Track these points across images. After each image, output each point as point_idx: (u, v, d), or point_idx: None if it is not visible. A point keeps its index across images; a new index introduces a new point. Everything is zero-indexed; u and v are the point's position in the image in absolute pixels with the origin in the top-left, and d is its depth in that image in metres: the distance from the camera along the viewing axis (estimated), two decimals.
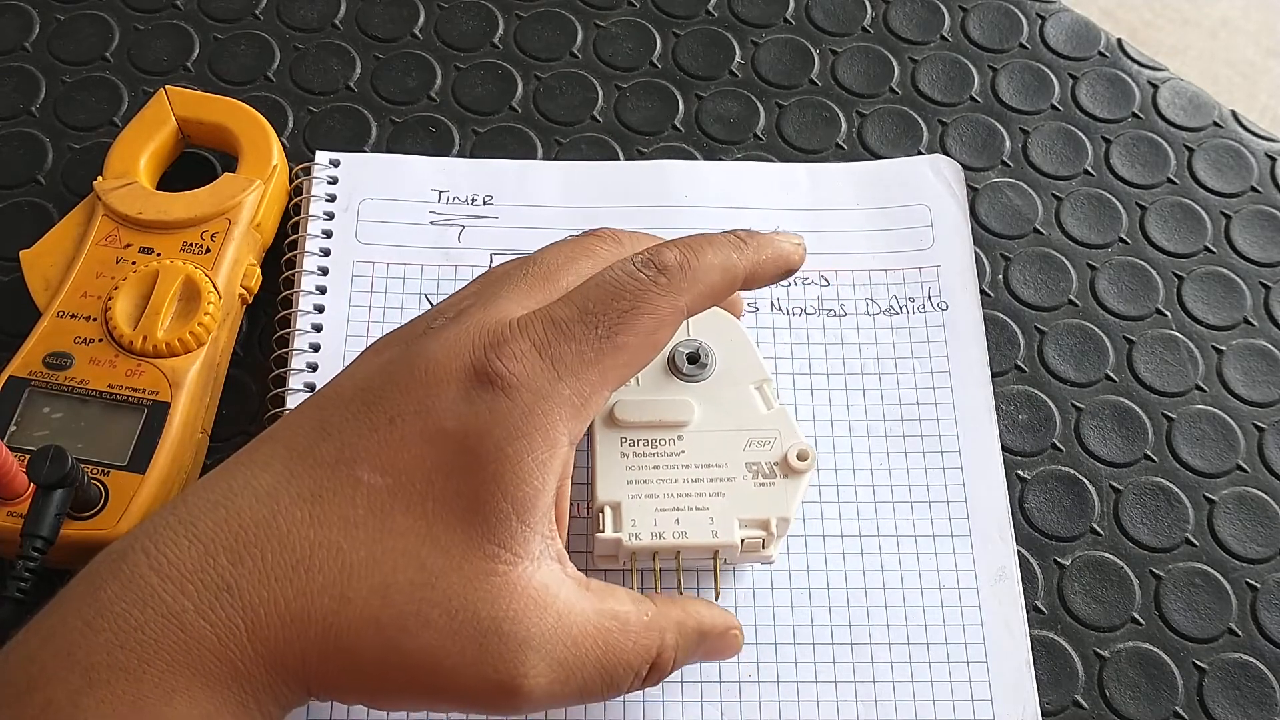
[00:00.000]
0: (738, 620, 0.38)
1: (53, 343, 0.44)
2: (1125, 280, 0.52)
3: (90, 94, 0.54)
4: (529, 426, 0.31)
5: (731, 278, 0.36)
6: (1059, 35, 0.58)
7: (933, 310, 0.50)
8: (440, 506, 0.30)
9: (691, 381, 0.42)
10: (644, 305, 0.33)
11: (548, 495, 0.32)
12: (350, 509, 0.30)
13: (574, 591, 0.32)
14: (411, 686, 0.31)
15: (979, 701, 0.42)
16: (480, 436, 0.31)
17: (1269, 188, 0.54)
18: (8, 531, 0.40)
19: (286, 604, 0.29)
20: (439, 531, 0.30)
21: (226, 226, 0.47)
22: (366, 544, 0.30)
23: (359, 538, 0.30)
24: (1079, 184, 0.54)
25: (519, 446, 0.31)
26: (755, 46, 0.57)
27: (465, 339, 0.32)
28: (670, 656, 0.34)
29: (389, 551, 0.30)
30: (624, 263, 0.34)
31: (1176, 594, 0.45)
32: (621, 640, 0.33)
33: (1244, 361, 0.50)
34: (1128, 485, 0.47)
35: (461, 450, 0.31)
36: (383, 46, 0.56)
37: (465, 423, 0.31)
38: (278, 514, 0.30)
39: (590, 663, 0.32)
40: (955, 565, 0.44)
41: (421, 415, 0.31)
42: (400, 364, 0.32)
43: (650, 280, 0.33)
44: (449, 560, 0.30)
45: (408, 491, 0.30)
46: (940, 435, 0.47)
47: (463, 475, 0.31)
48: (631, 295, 0.33)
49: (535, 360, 0.32)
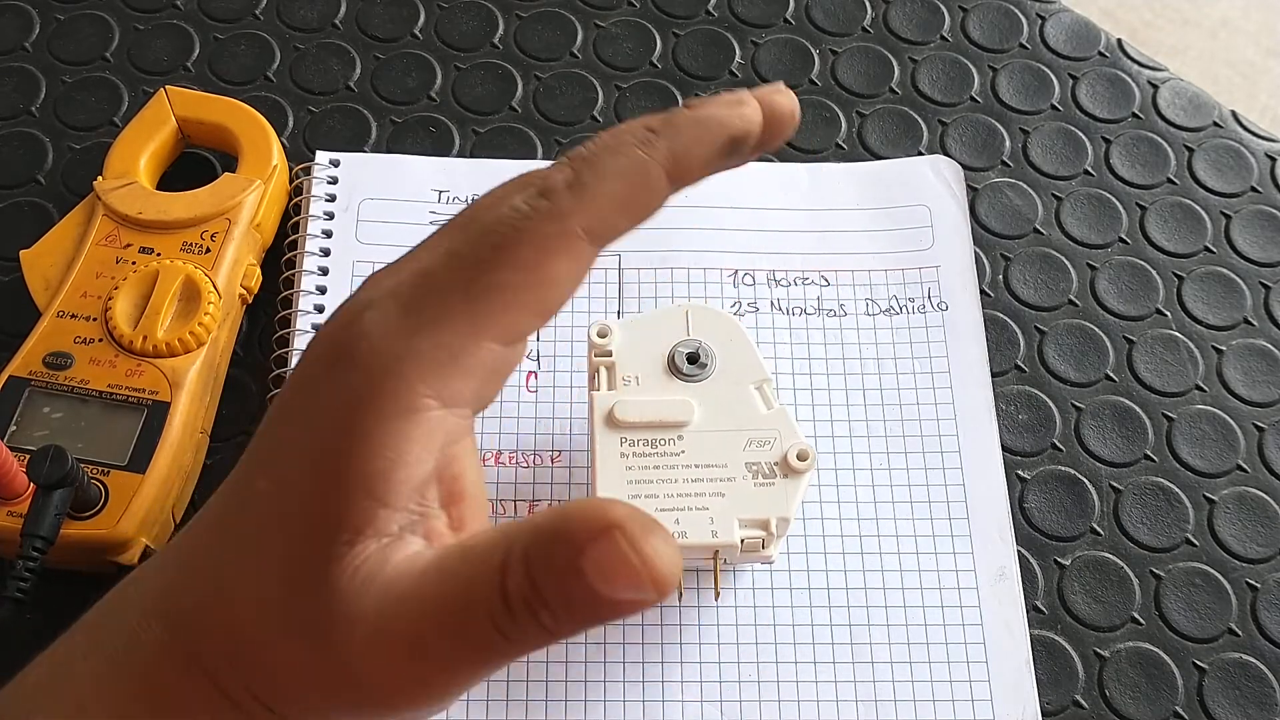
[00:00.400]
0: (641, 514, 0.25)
1: (53, 343, 0.44)
2: (1125, 280, 0.52)
3: (90, 94, 0.54)
4: (377, 394, 0.27)
5: (642, 181, 0.29)
6: (1059, 35, 0.58)
7: (933, 310, 0.50)
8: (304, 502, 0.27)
9: (691, 381, 0.42)
10: (520, 235, 0.27)
11: (412, 467, 0.27)
12: (247, 523, 0.28)
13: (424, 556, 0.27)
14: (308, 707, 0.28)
15: (979, 701, 0.42)
16: (334, 416, 0.27)
17: (1269, 188, 0.54)
18: (8, 531, 0.40)
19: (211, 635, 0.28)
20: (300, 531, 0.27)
21: (226, 226, 0.47)
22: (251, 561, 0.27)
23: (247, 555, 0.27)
24: (1079, 184, 0.54)
25: (367, 418, 0.27)
26: (755, 46, 0.57)
27: (338, 311, 0.29)
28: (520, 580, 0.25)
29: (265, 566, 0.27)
30: (520, 190, 0.29)
31: (1176, 594, 0.45)
32: (459, 569, 0.26)
33: (1244, 361, 0.50)
34: (1128, 485, 0.47)
35: (321, 432, 0.27)
36: (383, 46, 0.56)
37: (322, 403, 0.27)
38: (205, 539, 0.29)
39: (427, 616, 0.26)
40: (955, 565, 0.44)
41: (294, 406, 0.28)
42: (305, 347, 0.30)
43: (530, 207, 0.28)
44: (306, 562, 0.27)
45: (283, 495, 0.27)
46: (940, 435, 0.47)
47: (321, 460, 0.27)
48: (507, 227, 0.28)
49: (391, 320, 0.27)
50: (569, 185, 0.28)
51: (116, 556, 0.41)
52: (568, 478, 0.46)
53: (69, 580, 0.42)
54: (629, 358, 0.43)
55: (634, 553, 0.24)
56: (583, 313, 0.49)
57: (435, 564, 0.26)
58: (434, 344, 0.27)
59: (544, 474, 0.46)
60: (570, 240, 0.28)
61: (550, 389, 0.47)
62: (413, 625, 0.26)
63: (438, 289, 0.27)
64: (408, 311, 0.27)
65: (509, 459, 0.46)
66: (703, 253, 0.51)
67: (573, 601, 0.25)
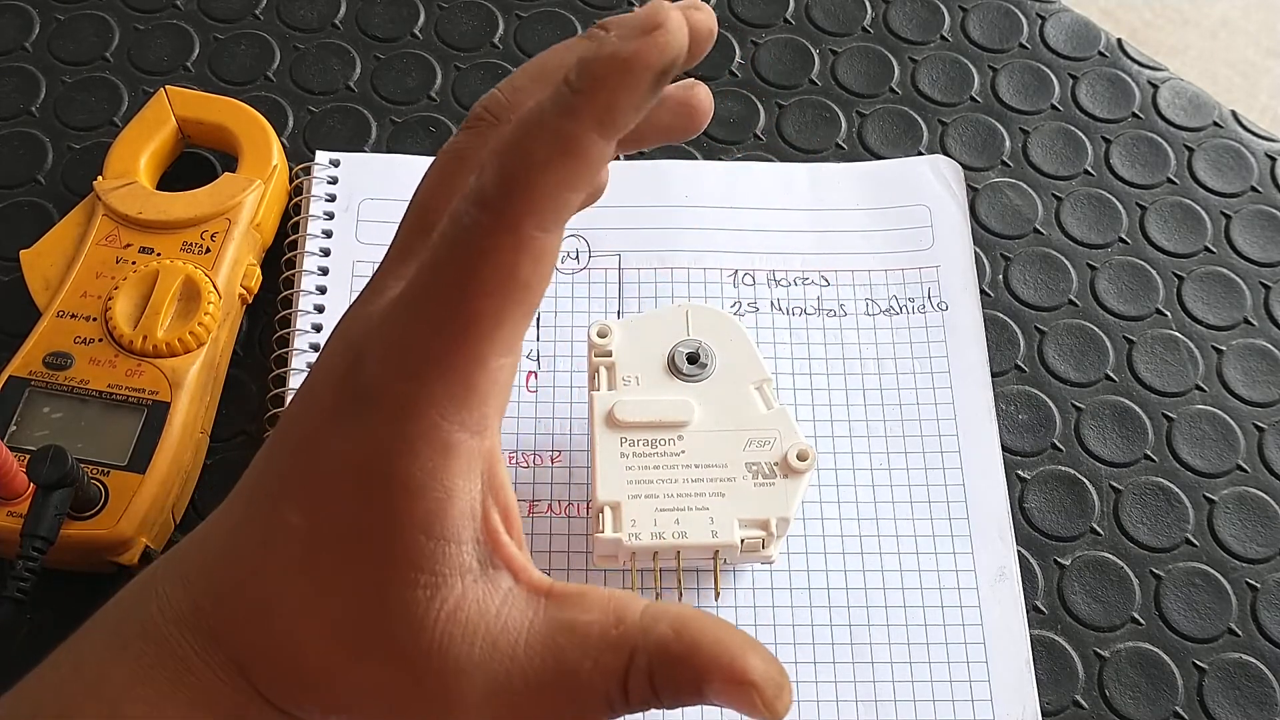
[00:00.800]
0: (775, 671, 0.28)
1: (53, 343, 0.44)
2: (1125, 280, 0.52)
3: (90, 94, 0.54)
4: (405, 438, 0.27)
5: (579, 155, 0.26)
6: (1059, 35, 0.58)
7: (933, 310, 0.50)
8: (355, 543, 0.28)
9: (691, 381, 0.42)
10: (478, 259, 0.27)
11: (459, 501, 0.28)
12: (286, 557, 0.29)
13: (520, 604, 0.28)
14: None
15: (979, 701, 0.42)
16: (366, 461, 0.28)
17: (1269, 188, 0.54)
18: (8, 531, 0.40)
19: (262, 651, 0.29)
20: (359, 569, 0.28)
21: (226, 226, 0.47)
22: (302, 593, 0.28)
23: (296, 587, 0.28)
24: (1079, 184, 0.54)
25: (402, 463, 0.27)
26: (755, 46, 0.57)
27: (336, 348, 0.29)
28: (642, 685, 0.28)
29: (322, 598, 0.28)
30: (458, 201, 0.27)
31: (1176, 594, 0.45)
32: (577, 658, 0.28)
33: (1244, 361, 0.50)
34: (1128, 485, 0.47)
35: (356, 479, 0.28)
36: (383, 46, 0.56)
37: (350, 448, 0.28)
38: (240, 558, 0.29)
39: (538, 686, 0.28)
40: (955, 565, 0.44)
41: (318, 445, 0.29)
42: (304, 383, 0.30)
43: (474, 223, 0.27)
44: (372, 597, 0.28)
45: (325, 533, 0.28)
46: (940, 435, 0.47)
47: (364, 505, 0.28)
48: (461, 251, 0.27)
49: (394, 361, 0.28)
50: (501, 188, 0.27)
51: (116, 556, 0.41)
52: (568, 478, 0.46)
53: (69, 580, 0.42)
54: (629, 358, 0.43)
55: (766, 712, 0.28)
56: (583, 313, 0.49)
57: (544, 639, 0.28)
58: (444, 381, 0.27)
59: (544, 474, 0.46)
60: (526, 243, 0.27)
61: (550, 389, 0.47)
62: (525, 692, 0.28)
63: (428, 328, 0.27)
64: (409, 353, 0.27)
65: (509, 459, 0.46)
66: (703, 253, 0.51)
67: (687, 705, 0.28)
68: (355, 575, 0.28)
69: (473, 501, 0.28)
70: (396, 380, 0.27)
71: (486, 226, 0.26)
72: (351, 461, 0.28)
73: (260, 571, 0.29)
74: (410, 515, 0.27)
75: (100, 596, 0.42)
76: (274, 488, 0.29)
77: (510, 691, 0.28)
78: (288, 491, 0.29)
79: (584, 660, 0.28)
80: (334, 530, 0.28)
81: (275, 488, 0.29)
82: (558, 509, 0.45)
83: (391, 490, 0.27)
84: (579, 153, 0.26)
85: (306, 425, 0.29)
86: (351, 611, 0.28)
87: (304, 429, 0.29)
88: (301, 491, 0.29)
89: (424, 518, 0.27)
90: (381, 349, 0.28)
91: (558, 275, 0.50)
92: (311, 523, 0.28)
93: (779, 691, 0.28)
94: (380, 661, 0.28)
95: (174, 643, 0.29)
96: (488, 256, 0.27)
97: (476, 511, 0.28)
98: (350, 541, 0.28)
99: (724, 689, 0.28)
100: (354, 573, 0.28)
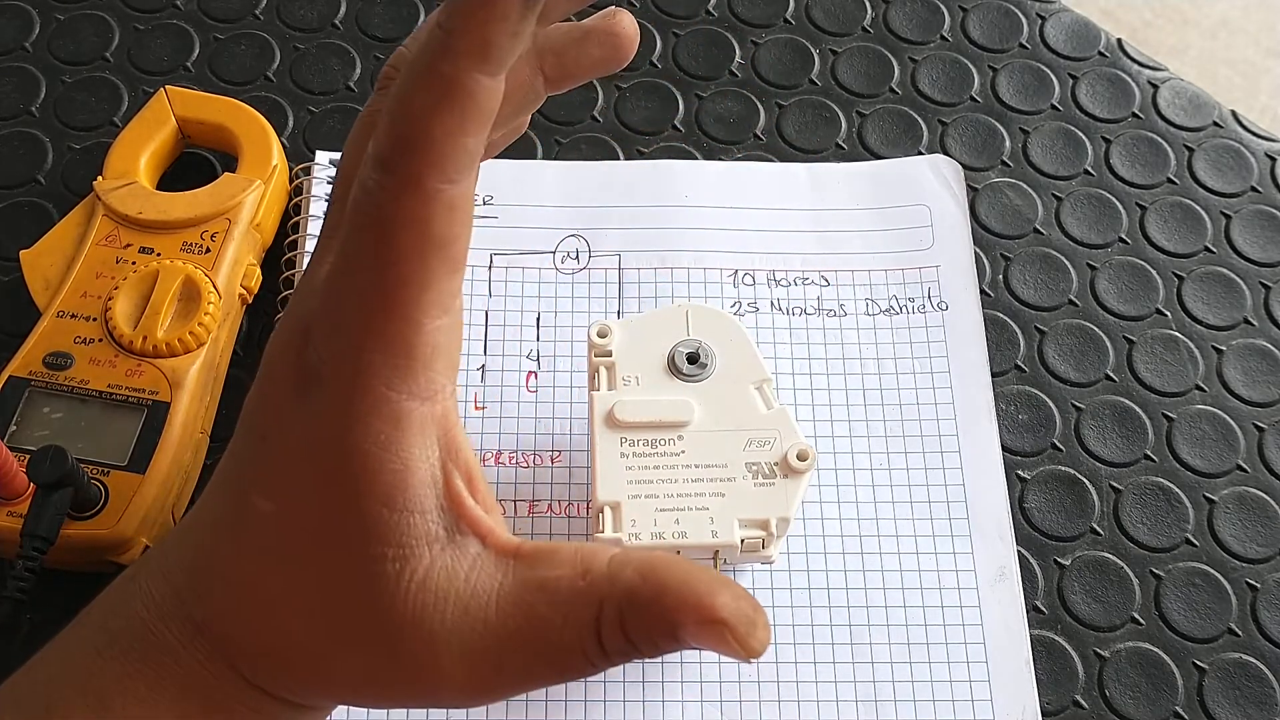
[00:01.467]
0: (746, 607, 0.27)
1: (53, 343, 0.44)
2: (1125, 280, 0.52)
3: (90, 94, 0.54)
4: (355, 413, 0.27)
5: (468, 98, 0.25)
6: (1059, 35, 0.58)
7: (933, 310, 0.50)
8: (322, 524, 0.28)
9: (691, 381, 0.42)
10: (387, 225, 0.26)
11: (417, 470, 0.28)
12: (260, 543, 0.29)
13: (489, 567, 0.28)
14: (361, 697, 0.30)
15: (979, 701, 0.42)
16: (321, 440, 0.28)
17: (1269, 188, 0.54)
18: (8, 531, 0.40)
19: (245, 638, 0.29)
20: (329, 550, 0.28)
21: (226, 226, 0.47)
22: (279, 576, 0.29)
23: (273, 572, 0.29)
24: (1079, 184, 0.54)
25: (355, 438, 0.27)
26: (755, 46, 0.57)
27: (286, 325, 0.29)
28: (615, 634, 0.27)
29: (297, 581, 0.28)
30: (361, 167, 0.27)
31: (1176, 594, 0.45)
32: (548, 614, 0.28)
33: (1244, 361, 0.50)
34: (1128, 485, 0.47)
35: (315, 459, 0.28)
36: (383, 46, 0.56)
37: (307, 429, 0.28)
38: (217, 549, 0.29)
39: (513, 647, 0.28)
40: (955, 565, 0.44)
41: (278, 428, 0.29)
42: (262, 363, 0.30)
43: (376, 185, 0.26)
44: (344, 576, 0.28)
45: (293, 516, 0.28)
46: (940, 435, 0.47)
47: (325, 485, 0.28)
48: (372, 219, 0.26)
49: (334, 336, 0.27)
50: (395, 147, 0.26)
51: (116, 556, 0.41)
52: (568, 478, 0.46)
53: (69, 580, 0.42)
54: (629, 358, 0.43)
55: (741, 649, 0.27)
56: (583, 313, 0.49)
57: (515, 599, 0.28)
58: (383, 351, 0.27)
59: (544, 474, 0.46)
60: (433, 197, 0.26)
61: (550, 389, 0.47)
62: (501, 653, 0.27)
63: (358, 300, 0.27)
64: (344, 328, 0.27)
65: (509, 459, 0.46)
66: (703, 253, 0.51)
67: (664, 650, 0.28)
68: (326, 556, 0.28)
69: (432, 469, 0.28)
70: (339, 355, 0.27)
71: (390, 188, 0.26)
72: (309, 442, 0.28)
73: (236, 559, 0.29)
74: (370, 490, 0.27)
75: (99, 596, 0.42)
76: (243, 475, 0.29)
77: (486, 655, 0.27)
78: (255, 478, 0.29)
79: (554, 616, 0.27)
80: (301, 513, 0.28)
81: (244, 475, 0.29)
82: (558, 509, 0.45)
83: (349, 467, 0.27)
84: (464, 94, 0.25)
85: (267, 408, 0.29)
86: (326, 592, 0.28)
87: (264, 413, 0.29)
88: (267, 477, 0.29)
89: (384, 491, 0.27)
90: (322, 326, 0.28)
91: (558, 275, 0.50)
92: (280, 507, 0.28)
93: (751, 628, 0.27)
94: (357, 639, 0.28)
95: (159, 635, 0.29)
96: (397, 218, 0.26)
97: (437, 478, 0.28)
98: (317, 523, 0.28)
99: (696, 630, 0.27)
100: (324, 553, 0.28)
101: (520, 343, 0.48)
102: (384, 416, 0.27)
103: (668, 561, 0.28)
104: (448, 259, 0.27)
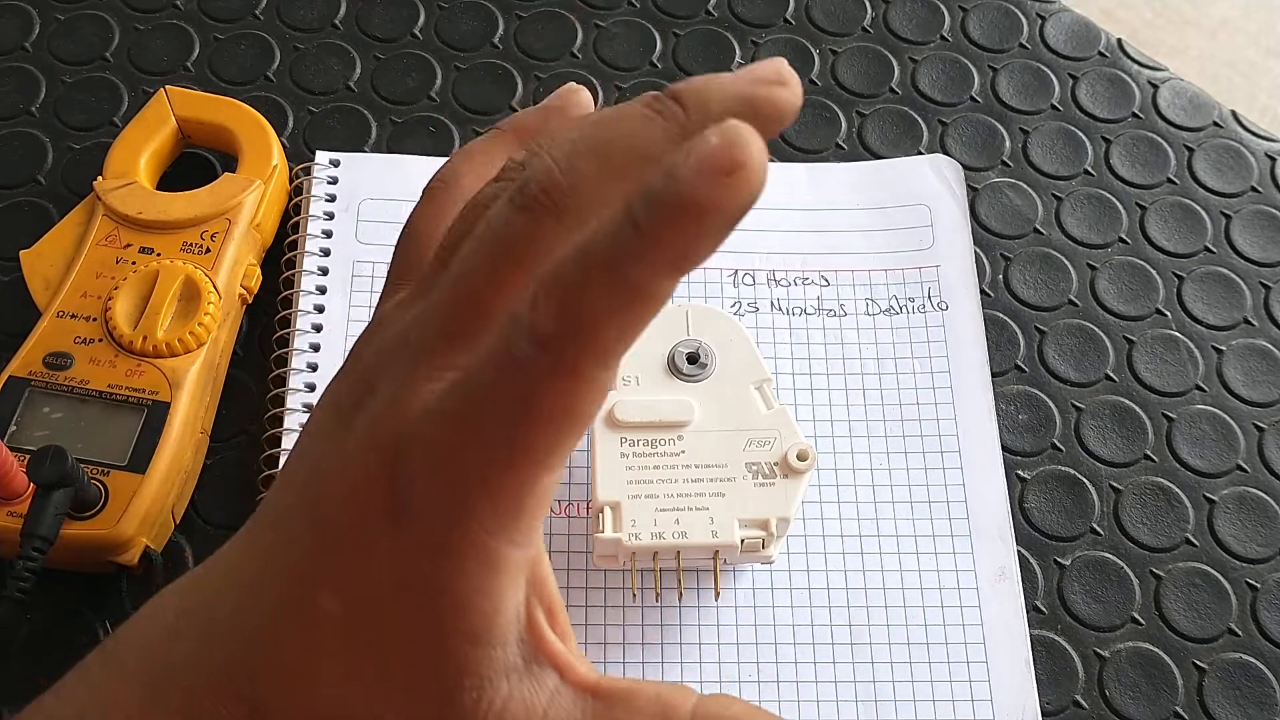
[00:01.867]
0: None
1: (53, 343, 0.44)
2: (1125, 280, 0.52)
3: (90, 94, 0.54)
4: (452, 555, 0.27)
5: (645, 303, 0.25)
6: (1059, 35, 0.58)
7: (933, 310, 0.50)
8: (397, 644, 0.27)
9: (691, 381, 0.42)
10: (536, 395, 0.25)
11: (505, 611, 0.27)
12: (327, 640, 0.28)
13: (566, 702, 0.28)
14: None
15: (979, 701, 0.42)
16: (408, 571, 0.27)
17: (1269, 188, 0.54)
18: (8, 531, 0.40)
19: None
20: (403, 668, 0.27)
21: (226, 226, 0.47)
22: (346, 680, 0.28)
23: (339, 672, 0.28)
24: (1079, 184, 0.54)
25: (448, 578, 0.27)
26: (755, 46, 0.57)
27: (362, 456, 0.27)
28: None
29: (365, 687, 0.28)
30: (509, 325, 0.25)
31: (1176, 594, 0.45)
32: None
33: (1244, 361, 0.50)
34: (1128, 485, 0.47)
35: (398, 585, 0.27)
36: (383, 46, 0.56)
37: (391, 553, 0.27)
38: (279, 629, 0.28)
39: None
40: (955, 565, 0.44)
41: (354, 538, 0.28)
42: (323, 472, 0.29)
43: (530, 360, 0.25)
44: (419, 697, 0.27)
45: (365, 627, 0.28)
46: (940, 435, 0.47)
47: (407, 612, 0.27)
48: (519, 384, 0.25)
49: (440, 477, 0.26)
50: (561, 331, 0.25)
51: (116, 556, 0.41)
52: (568, 478, 0.46)
53: (69, 580, 0.42)
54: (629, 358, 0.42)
55: None
56: None
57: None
58: (493, 503, 0.26)
59: None
60: (587, 384, 0.25)
61: None
62: None
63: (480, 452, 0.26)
64: (457, 473, 0.26)
65: None
66: None
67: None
68: (399, 672, 0.28)
69: (518, 607, 0.28)
70: (442, 495, 0.26)
71: (546, 367, 0.25)
72: (393, 567, 0.27)
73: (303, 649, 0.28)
74: (456, 627, 0.27)
75: (100, 596, 0.42)
76: (303, 565, 0.28)
77: None
78: (321, 576, 0.28)
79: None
80: (374, 627, 0.28)
81: (305, 566, 0.28)
82: (558, 509, 0.45)
83: (438, 604, 0.27)
84: (646, 298, 0.25)
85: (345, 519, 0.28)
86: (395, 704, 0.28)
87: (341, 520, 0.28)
88: (337, 581, 0.28)
89: (470, 630, 0.27)
90: (426, 459, 0.26)
91: None
92: (349, 613, 0.28)
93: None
94: None
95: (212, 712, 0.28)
96: (546, 395, 0.25)
97: (521, 615, 0.28)
98: (392, 641, 0.27)
99: None
100: (398, 670, 0.28)
101: None
102: (480, 560, 0.27)
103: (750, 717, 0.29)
104: (578, 431, 0.26)
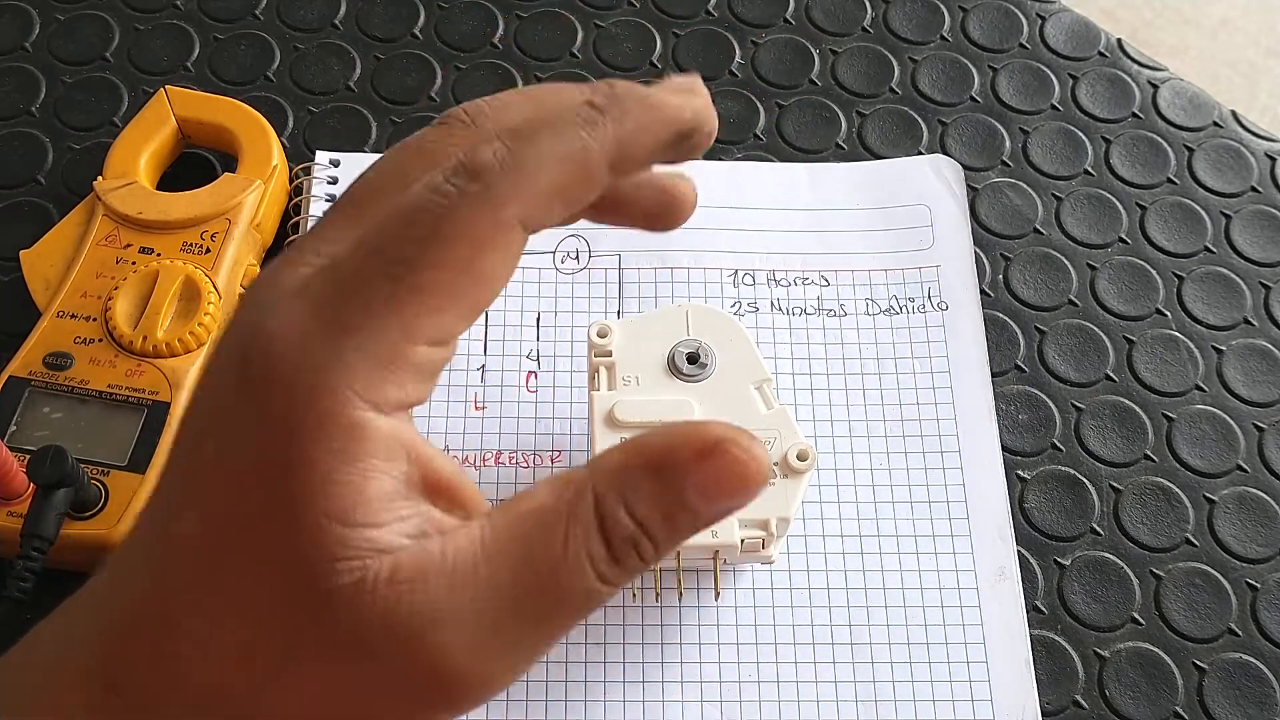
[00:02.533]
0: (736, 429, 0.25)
1: (53, 343, 0.44)
2: (1125, 280, 0.52)
3: (90, 94, 0.54)
4: (310, 417, 0.24)
5: (582, 167, 0.26)
6: (1059, 35, 0.58)
7: (933, 310, 0.50)
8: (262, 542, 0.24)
9: (691, 381, 0.42)
10: (448, 226, 0.24)
11: (375, 483, 0.24)
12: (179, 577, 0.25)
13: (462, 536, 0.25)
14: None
15: (979, 701, 0.42)
16: (265, 447, 0.24)
17: (1269, 188, 0.54)
18: (8, 531, 0.40)
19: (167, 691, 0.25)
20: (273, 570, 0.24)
21: (226, 226, 0.47)
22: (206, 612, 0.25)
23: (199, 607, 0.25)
24: (1079, 184, 0.54)
25: (305, 446, 0.24)
26: (755, 46, 0.57)
27: (238, 325, 0.25)
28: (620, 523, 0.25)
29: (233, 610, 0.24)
30: (434, 173, 0.25)
31: (1176, 594, 0.45)
32: (543, 538, 0.24)
33: (1244, 361, 0.50)
34: (1128, 485, 0.47)
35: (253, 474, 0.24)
36: (383, 46, 0.56)
37: (248, 435, 0.24)
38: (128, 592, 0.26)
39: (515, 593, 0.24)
40: (955, 565, 0.44)
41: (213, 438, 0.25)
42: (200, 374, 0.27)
43: (458, 192, 0.24)
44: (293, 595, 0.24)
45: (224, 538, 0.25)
46: (940, 435, 0.47)
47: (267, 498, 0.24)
48: (432, 216, 0.24)
49: (306, 328, 0.24)
50: (504, 167, 0.25)
51: None
52: None
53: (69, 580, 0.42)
54: (629, 358, 0.43)
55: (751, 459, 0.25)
56: (583, 313, 0.49)
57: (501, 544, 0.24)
58: (361, 354, 0.24)
59: (544, 474, 0.45)
60: (505, 231, 0.25)
61: (550, 389, 0.47)
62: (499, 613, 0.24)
63: (357, 291, 0.24)
64: (324, 317, 0.24)
65: (509, 459, 0.46)
66: (703, 253, 0.51)
67: (676, 526, 0.25)
68: (269, 577, 0.24)
69: (396, 480, 0.25)
70: (304, 346, 0.24)
71: (472, 196, 0.25)
72: (250, 450, 0.24)
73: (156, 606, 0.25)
74: (319, 505, 0.24)
75: None
76: (169, 499, 0.26)
77: (484, 620, 0.24)
78: (183, 500, 0.25)
79: (549, 536, 0.24)
80: (234, 532, 0.24)
81: (170, 499, 0.26)
82: None
83: (297, 477, 0.24)
84: (586, 172, 0.26)
85: (201, 418, 0.26)
86: (273, 616, 0.24)
87: (199, 422, 0.26)
88: (196, 496, 0.25)
89: (334, 507, 0.24)
90: (292, 315, 0.24)
91: (558, 275, 0.50)
92: (207, 529, 0.25)
93: (748, 440, 0.25)
94: (321, 658, 0.24)
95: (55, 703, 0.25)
96: (458, 227, 0.24)
97: (395, 493, 0.25)
98: (256, 541, 0.24)
99: (698, 469, 0.25)
100: (267, 574, 0.24)
101: (520, 343, 0.48)
102: (342, 426, 0.24)
103: (646, 434, 0.26)
104: (473, 299, 0.25)
